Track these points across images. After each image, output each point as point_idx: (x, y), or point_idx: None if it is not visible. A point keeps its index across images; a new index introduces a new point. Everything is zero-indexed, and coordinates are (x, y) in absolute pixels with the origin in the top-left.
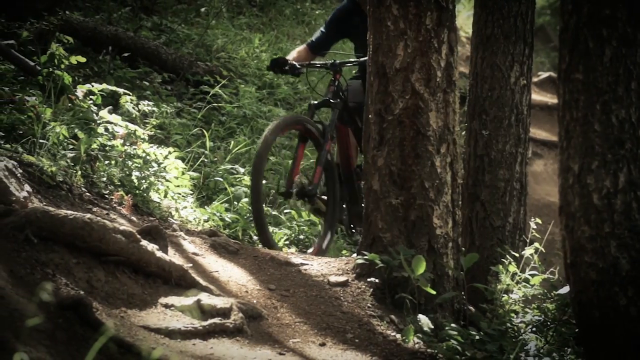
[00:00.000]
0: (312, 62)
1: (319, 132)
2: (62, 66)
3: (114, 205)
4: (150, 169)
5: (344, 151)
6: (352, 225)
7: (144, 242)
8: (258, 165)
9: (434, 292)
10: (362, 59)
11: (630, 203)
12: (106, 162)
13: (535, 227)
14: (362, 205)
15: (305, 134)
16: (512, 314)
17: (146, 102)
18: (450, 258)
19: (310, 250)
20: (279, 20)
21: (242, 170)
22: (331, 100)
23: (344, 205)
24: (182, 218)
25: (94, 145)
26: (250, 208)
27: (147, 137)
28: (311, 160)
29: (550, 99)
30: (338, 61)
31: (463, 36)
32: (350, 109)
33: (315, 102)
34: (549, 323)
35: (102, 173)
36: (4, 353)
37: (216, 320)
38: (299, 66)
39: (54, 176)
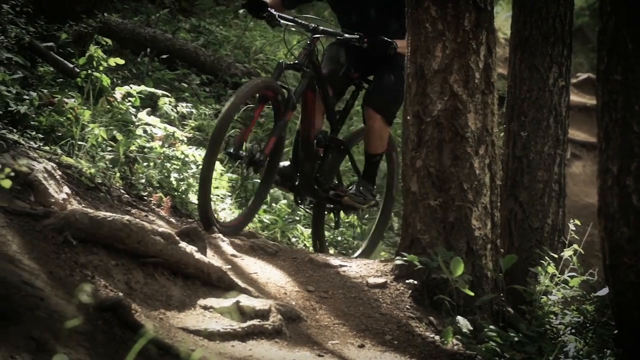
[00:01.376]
0: (294, 18)
1: (283, 99)
2: (101, 68)
3: (153, 207)
4: (188, 170)
5: (307, 118)
6: (299, 196)
7: (182, 244)
8: (217, 134)
9: (472, 294)
10: (346, 36)
11: None
12: (145, 163)
13: (574, 228)
14: (319, 176)
15: (271, 98)
16: (551, 316)
17: (184, 103)
18: (488, 260)
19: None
20: (317, 22)
21: None
22: (304, 68)
23: (298, 174)
24: (221, 219)
25: (133, 147)
26: (288, 209)
27: (185, 139)
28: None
29: (589, 100)
30: (321, 27)
31: (501, 37)
32: (323, 77)
33: (286, 62)
34: (588, 325)
35: (141, 175)
36: (44, 354)
37: (255, 322)
38: (277, 18)
39: (92, 178)
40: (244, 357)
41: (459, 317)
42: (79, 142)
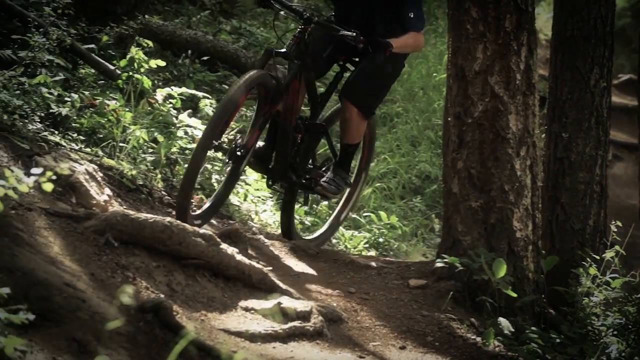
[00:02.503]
0: (290, 4)
1: (271, 90)
2: (142, 70)
3: (194, 208)
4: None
5: (289, 106)
6: (272, 179)
7: (223, 246)
8: (210, 132)
9: (514, 295)
10: (342, 32)
11: None
12: (186, 165)
13: (615, 229)
14: (294, 162)
15: (258, 89)
16: (593, 317)
17: None
18: (530, 261)
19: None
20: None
21: None
22: (292, 59)
23: (273, 155)
24: (262, 221)
25: (174, 149)
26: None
27: (226, 141)
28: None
29: (631, 101)
30: (316, 18)
31: (542, 39)
32: (310, 66)
33: (275, 50)
34: (630, 326)
35: (182, 176)
36: (86, 356)
37: (296, 323)
38: (270, 0)
39: (134, 180)
40: (285, 358)
41: (500, 319)
42: (120, 144)
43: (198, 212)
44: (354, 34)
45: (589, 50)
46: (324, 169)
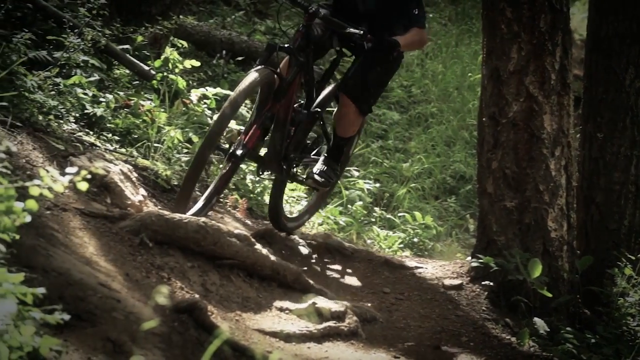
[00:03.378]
0: None
1: (273, 87)
2: (177, 70)
3: (229, 208)
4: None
5: (287, 99)
6: (263, 168)
7: (258, 246)
8: (214, 135)
9: (549, 295)
10: (350, 30)
11: None
12: (220, 165)
13: None
14: (288, 152)
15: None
16: (628, 318)
17: None
18: (565, 261)
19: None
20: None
21: (356, 173)
22: (296, 55)
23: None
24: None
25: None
26: (363, 211)
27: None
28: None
29: None
30: (322, 12)
31: (577, 39)
32: (312, 62)
33: (279, 45)
34: None
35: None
36: (121, 356)
37: (331, 323)
38: None
39: (168, 180)
40: (319, 358)
41: (535, 319)
42: (155, 144)
43: (194, 209)
44: (361, 31)
45: (624, 50)
46: (313, 152)
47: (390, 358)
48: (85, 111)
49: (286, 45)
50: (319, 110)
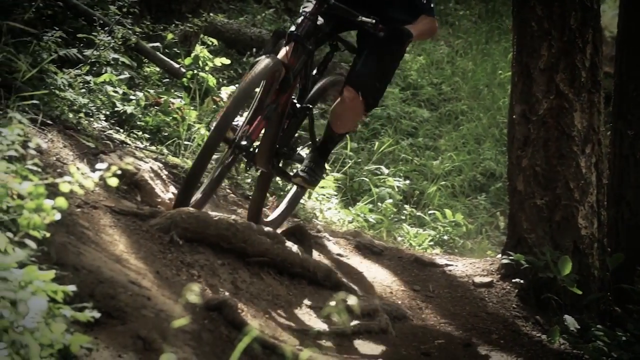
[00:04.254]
0: None
1: (280, 78)
2: (207, 68)
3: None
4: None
5: (292, 89)
6: (251, 162)
7: (288, 243)
8: (221, 127)
9: (580, 293)
10: (362, 19)
11: None
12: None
13: None
14: (279, 147)
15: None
16: None
17: None
18: (595, 259)
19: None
20: None
21: (386, 171)
22: (305, 44)
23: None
24: (327, 219)
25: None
26: (393, 209)
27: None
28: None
29: None
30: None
31: (608, 36)
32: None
33: (288, 31)
34: None
35: (247, 174)
36: (151, 354)
37: (361, 321)
38: None
39: None
40: (350, 356)
41: (566, 316)
42: (185, 142)
43: (193, 200)
44: (374, 21)
45: None
46: (298, 151)
47: (421, 356)
48: (116, 109)
49: (294, 32)
50: (310, 105)
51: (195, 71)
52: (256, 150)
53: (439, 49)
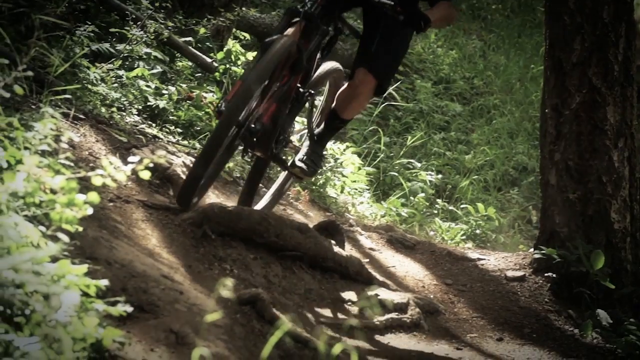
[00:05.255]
0: None
1: (294, 59)
2: (239, 62)
3: (291, 200)
4: (326, 164)
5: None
6: (250, 149)
7: (321, 237)
8: (233, 112)
9: (612, 287)
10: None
11: None
12: (282, 157)
13: None
14: (279, 134)
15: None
16: None
17: (321, 97)
18: (628, 252)
19: None
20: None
21: (418, 165)
22: (319, 23)
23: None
24: (359, 213)
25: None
26: (425, 203)
27: None
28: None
29: None
30: None
31: None
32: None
33: (303, 10)
34: None
35: (279, 169)
36: (184, 348)
37: (393, 315)
38: None
39: (231, 172)
40: (382, 350)
41: (598, 310)
42: None
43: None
44: (392, 2)
45: None
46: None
47: (453, 349)
48: (148, 103)
49: (309, 11)
50: (312, 91)
51: (228, 65)
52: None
53: (471, 43)
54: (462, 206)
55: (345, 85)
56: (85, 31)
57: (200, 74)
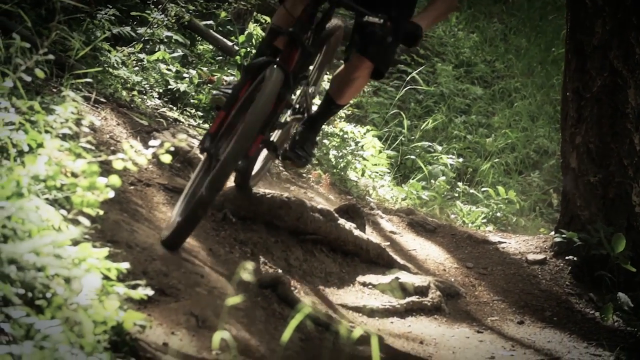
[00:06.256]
0: None
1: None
2: None
3: (312, 184)
4: (347, 147)
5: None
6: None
7: (341, 221)
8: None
9: (634, 270)
10: (369, 18)
11: None
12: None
13: None
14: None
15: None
16: None
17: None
18: None
19: None
20: None
21: (439, 148)
22: (303, 42)
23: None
24: (379, 196)
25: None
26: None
27: (344, 116)
28: None
29: None
30: None
31: None
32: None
33: (279, 28)
34: None
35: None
36: (204, 331)
37: (414, 298)
38: None
39: None
40: (402, 333)
41: (619, 294)
42: None
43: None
44: (381, 20)
45: None
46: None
47: (474, 332)
48: (169, 87)
49: (292, 30)
50: (306, 74)
51: (249, 49)
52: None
53: (492, 26)
54: (482, 189)
55: (341, 67)
56: (106, 14)
57: (221, 58)
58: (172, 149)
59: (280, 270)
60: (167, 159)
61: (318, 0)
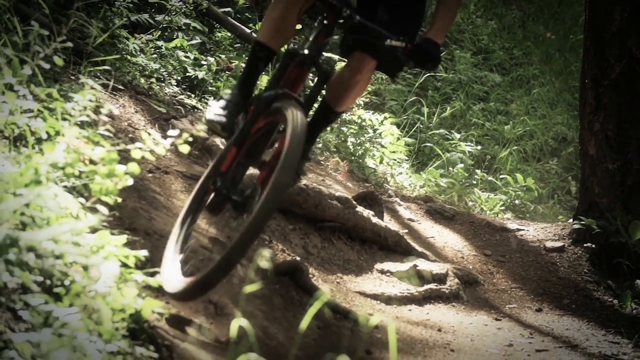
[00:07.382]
0: None
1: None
2: None
3: (330, 171)
4: (365, 135)
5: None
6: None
7: (359, 208)
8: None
9: None
10: (391, 42)
11: None
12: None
13: None
14: None
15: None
16: None
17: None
18: None
19: None
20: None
21: (457, 135)
22: (318, 62)
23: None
24: (398, 184)
25: (311, 112)
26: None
27: (362, 104)
28: None
29: None
30: (359, 18)
31: None
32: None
33: (297, 50)
34: None
35: (318, 139)
36: (223, 318)
37: (432, 285)
38: None
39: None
40: (421, 321)
41: (637, 281)
42: None
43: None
44: (403, 44)
45: None
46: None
47: (492, 320)
48: (187, 74)
49: (307, 52)
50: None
51: None
52: None
53: (510, 13)
54: (501, 177)
55: (339, 72)
56: (124, 2)
57: (239, 45)
58: (190, 138)
59: (298, 258)
60: (185, 149)
61: (335, 21)
